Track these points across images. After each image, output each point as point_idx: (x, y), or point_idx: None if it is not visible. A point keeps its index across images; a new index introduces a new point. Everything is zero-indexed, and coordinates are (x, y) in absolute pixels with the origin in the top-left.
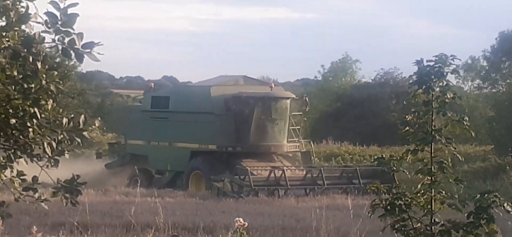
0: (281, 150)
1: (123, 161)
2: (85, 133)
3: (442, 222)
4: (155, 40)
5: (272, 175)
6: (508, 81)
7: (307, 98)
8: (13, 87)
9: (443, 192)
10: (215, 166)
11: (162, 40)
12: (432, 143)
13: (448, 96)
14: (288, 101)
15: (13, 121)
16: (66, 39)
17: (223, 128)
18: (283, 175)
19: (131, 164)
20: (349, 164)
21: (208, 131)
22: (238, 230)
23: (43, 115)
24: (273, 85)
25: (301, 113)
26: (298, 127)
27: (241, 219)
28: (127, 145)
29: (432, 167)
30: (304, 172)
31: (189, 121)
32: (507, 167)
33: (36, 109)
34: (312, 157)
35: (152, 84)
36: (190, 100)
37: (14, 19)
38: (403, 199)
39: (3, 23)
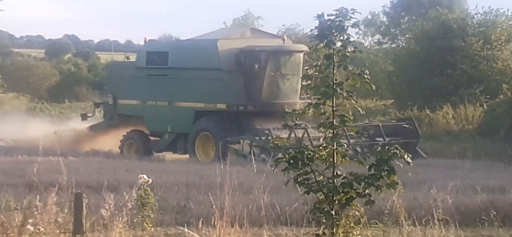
0: (294, 108)
1: (110, 122)
2: None
3: (344, 175)
4: None
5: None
6: (407, 36)
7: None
8: None
9: (345, 145)
10: (225, 127)
11: None
12: (334, 97)
13: (349, 50)
14: (302, 55)
15: None
16: None
17: (233, 85)
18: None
19: (119, 126)
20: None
21: (216, 89)
22: (142, 186)
23: None
24: (285, 38)
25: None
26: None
27: (144, 176)
28: (117, 105)
29: (334, 121)
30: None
31: (193, 78)
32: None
33: None
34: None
35: (147, 38)
36: (194, 55)
37: None
38: (305, 153)
39: None
